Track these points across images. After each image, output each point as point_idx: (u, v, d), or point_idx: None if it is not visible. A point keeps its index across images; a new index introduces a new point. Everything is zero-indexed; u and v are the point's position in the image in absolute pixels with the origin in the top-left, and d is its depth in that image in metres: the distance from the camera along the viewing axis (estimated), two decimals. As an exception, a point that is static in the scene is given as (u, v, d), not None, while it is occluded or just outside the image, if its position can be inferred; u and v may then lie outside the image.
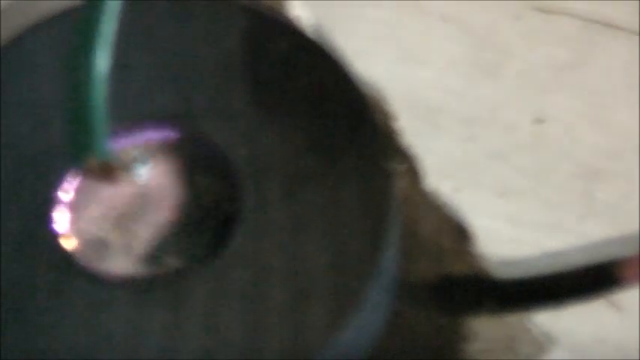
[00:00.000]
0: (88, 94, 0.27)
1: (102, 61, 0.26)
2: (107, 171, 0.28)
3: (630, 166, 0.34)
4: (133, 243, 0.30)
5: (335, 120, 0.31)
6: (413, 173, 0.32)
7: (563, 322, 0.30)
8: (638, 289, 0.29)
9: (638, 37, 0.36)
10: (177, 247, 0.30)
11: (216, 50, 0.32)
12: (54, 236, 0.29)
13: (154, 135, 0.31)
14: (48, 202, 0.29)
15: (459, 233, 0.31)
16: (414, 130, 0.33)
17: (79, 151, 0.27)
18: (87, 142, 0.27)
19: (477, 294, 0.31)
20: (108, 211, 0.30)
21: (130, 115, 0.30)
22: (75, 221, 0.30)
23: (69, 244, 0.29)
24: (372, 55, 0.34)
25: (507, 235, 0.32)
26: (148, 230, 0.30)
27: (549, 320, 0.30)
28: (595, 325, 0.31)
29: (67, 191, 0.30)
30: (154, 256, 0.30)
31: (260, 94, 0.31)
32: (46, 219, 0.29)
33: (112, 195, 0.30)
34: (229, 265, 0.28)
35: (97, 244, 0.30)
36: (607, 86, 0.35)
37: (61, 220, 0.29)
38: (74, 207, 0.30)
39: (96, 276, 0.29)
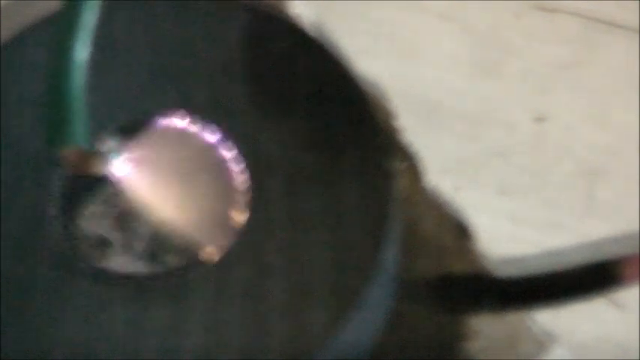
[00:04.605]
0: (67, 83, 0.26)
1: (81, 50, 0.26)
2: (83, 160, 0.28)
3: (630, 165, 0.34)
4: (134, 241, 0.30)
5: (335, 118, 0.30)
6: (413, 171, 0.32)
7: (564, 321, 0.30)
8: (638, 288, 0.29)
9: (638, 35, 0.36)
10: (178, 246, 0.29)
11: (218, 48, 0.32)
12: (55, 235, 0.29)
13: (155, 132, 0.30)
14: (49, 201, 0.29)
15: (459, 231, 0.32)
16: (414, 129, 0.33)
17: (55, 139, 0.27)
18: (63, 131, 0.27)
19: (477, 292, 0.31)
20: (109, 210, 0.30)
21: (132, 112, 0.30)
22: (76, 219, 0.30)
23: (70, 242, 0.29)
24: (372, 54, 0.34)
25: (508, 233, 0.32)
26: (148, 228, 0.30)
27: (550, 319, 0.30)
28: (596, 323, 0.31)
29: (68, 189, 0.30)
30: (154, 255, 0.30)
31: (261, 92, 0.31)
32: (47, 218, 0.29)
33: (113, 193, 0.30)
34: (230, 264, 0.28)
35: (98, 243, 0.30)
36: (607, 85, 0.35)
37: (62, 218, 0.29)
38: (75, 205, 0.30)
39: (97, 274, 0.29)
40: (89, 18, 0.26)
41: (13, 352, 0.28)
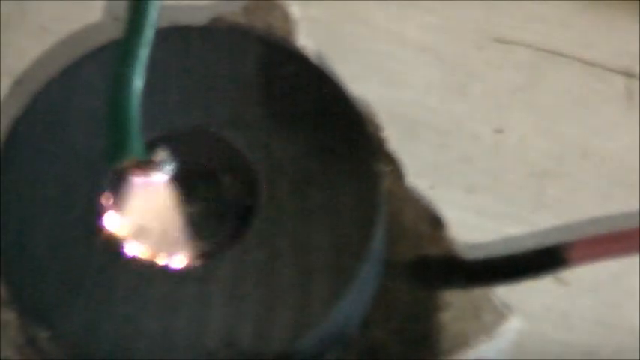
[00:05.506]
0: (127, 107, 0.27)
1: (138, 80, 0.27)
2: (140, 168, 0.29)
3: (573, 168, 0.36)
4: (170, 230, 0.31)
5: (334, 130, 0.31)
6: (397, 174, 0.33)
7: (519, 294, 0.31)
8: (579, 268, 0.30)
9: (579, 63, 0.37)
10: (206, 233, 0.31)
11: (237, 73, 0.32)
12: (109, 226, 0.30)
13: (185, 143, 0.31)
14: (100, 198, 0.30)
15: (433, 222, 0.32)
16: (397, 139, 0.34)
17: (117, 152, 0.28)
18: (124, 146, 0.27)
19: (448, 271, 0.32)
20: (151, 205, 0.31)
21: (166, 127, 0.31)
22: (125, 213, 0.31)
23: (120, 231, 0.30)
24: (364, 79, 0.35)
25: (473, 223, 0.34)
26: (182, 220, 0.31)
27: (507, 292, 0.31)
28: (545, 296, 0.33)
29: (116, 189, 0.31)
30: (187, 240, 0.31)
31: (273, 109, 0.32)
32: (101, 212, 0.30)
33: (154, 193, 0.31)
34: (248, 248, 0.30)
35: (141, 231, 0.31)
36: (554, 103, 0.37)
37: (114, 212, 0.30)
38: (124, 202, 0.31)
39: (139, 257, 0.30)
40: (144, 52, 0.28)
41: (67, 323, 0.29)
